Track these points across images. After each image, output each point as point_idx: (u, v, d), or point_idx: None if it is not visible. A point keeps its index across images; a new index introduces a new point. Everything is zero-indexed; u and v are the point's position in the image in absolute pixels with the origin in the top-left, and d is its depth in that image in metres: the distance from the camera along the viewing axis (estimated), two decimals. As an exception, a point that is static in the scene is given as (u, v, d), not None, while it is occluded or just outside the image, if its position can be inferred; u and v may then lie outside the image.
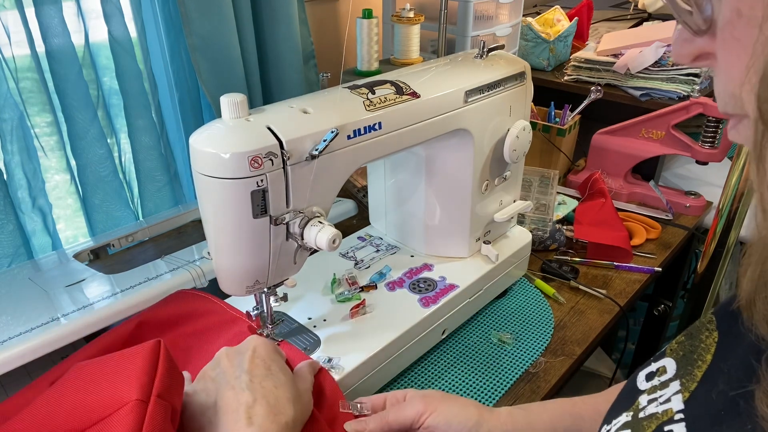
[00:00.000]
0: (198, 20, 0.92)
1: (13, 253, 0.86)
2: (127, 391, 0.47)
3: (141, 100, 0.95)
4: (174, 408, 0.50)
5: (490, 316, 0.91)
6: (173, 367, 0.52)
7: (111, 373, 0.50)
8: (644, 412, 0.38)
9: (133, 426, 0.44)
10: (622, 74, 1.26)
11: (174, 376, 0.51)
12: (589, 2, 1.55)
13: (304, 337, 0.73)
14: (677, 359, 0.40)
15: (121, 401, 0.46)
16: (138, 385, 0.47)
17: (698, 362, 0.38)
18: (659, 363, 0.41)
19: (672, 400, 0.37)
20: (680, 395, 0.37)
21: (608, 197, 1.16)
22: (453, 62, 0.80)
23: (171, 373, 0.51)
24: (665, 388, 0.38)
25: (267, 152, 0.56)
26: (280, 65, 1.08)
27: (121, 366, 0.50)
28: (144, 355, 0.50)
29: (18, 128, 0.83)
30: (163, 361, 0.50)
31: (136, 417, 0.45)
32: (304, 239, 0.61)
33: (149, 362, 0.50)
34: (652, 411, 0.37)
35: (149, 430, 0.45)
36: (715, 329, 0.39)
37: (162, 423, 0.46)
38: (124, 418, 0.45)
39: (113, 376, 0.49)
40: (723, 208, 1.03)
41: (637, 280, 1.01)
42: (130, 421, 0.45)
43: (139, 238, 0.95)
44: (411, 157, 0.83)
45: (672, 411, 0.36)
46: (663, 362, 0.41)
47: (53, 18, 0.81)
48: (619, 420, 0.40)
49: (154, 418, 0.46)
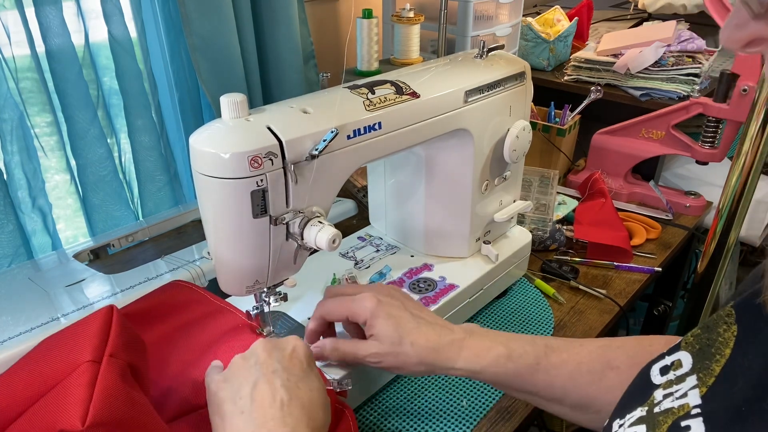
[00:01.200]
0: (198, 20, 0.92)
1: (13, 253, 0.86)
2: (79, 355, 0.48)
3: (141, 100, 0.95)
4: (133, 366, 0.50)
5: (490, 316, 0.91)
6: (127, 329, 0.52)
7: (65, 340, 0.51)
8: (660, 407, 0.37)
9: (85, 386, 0.45)
10: (622, 74, 1.26)
11: (128, 337, 0.52)
12: (589, 2, 1.55)
13: (304, 337, 0.73)
14: (693, 353, 0.39)
15: (74, 364, 0.47)
16: (90, 347, 0.48)
17: (716, 356, 0.37)
18: (673, 356, 0.40)
19: (689, 395, 0.36)
20: (697, 390, 0.36)
21: (608, 197, 1.16)
22: (453, 62, 0.80)
23: (123, 334, 0.51)
24: (681, 382, 0.37)
25: (267, 152, 0.56)
26: (280, 65, 1.08)
27: (74, 333, 0.51)
28: (96, 320, 0.51)
29: (18, 128, 0.83)
30: (116, 324, 0.51)
31: (89, 377, 0.46)
32: (304, 239, 0.61)
33: (101, 326, 0.50)
34: (668, 406, 0.36)
35: (101, 387, 0.45)
36: (734, 323, 0.38)
37: (115, 380, 0.47)
38: (77, 380, 0.46)
39: (67, 343, 0.50)
40: (723, 208, 1.03)
41: (637, 280, 1.01)
42: (83, 382, 0.45)
43: (139, 238, 0.95)
44: (411, 157, 0.83)
45: (689, 406, 0.35)
46: (678, 356, 0.40)
47: (53, 18, 0.81)
48: (633, 414, 0.39)
49: (106, 376, 0.46)
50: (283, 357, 0.54)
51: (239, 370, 0.54)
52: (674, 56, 1.23)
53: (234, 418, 0.50)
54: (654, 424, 0.36)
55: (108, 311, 0.53)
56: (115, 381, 0.47)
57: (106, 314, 0.52)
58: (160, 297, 0.72)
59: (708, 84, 1.27)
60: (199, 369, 0.63)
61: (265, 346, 0.55)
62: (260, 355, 0.54)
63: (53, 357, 0.50)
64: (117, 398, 0.46)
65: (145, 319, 0.70)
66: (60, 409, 0.44)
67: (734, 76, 1.05)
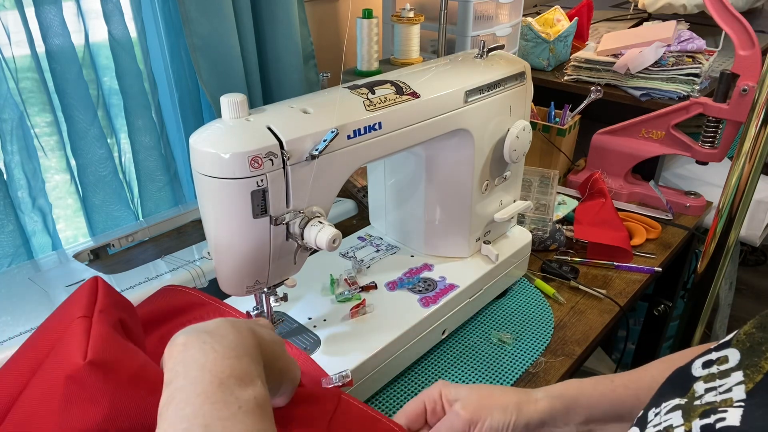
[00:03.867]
0: (198, 20, 0.92)
1: (13, 253, 0.86)
2: (71, 315, 0.50)
3: (141, 100, 0.95)
4: (123, 323, 0.53)
5: (490, 316, 0.91)
6: (113, 292, 0.55)
7: (55, 314, 0.54)
8: (701, 400, 0.36)
9: (81, 334, 0.47)
10: (622, 74, 1.26)
11: (115, 298, 0.55)
12: (589, 2, 1.54)
13: (304, 337, 0.73)
14: (743, 350, 0.38)
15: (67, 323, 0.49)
16: (79, 308, 0.50)
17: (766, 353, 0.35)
18: (721, 352, 0.39)
19: (733, 390, 0.34)
20: (743, 386, 0.34)
21: (608, 197, 1.16)
22: (453, 62, 0.80)
23: (110, 295, 0.54)
24: (726, 377, 0.36)
25: (267, 152, 0.56)
26: (280, 65, 1.08)
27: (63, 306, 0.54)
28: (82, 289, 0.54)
29: (18, 128, 0.83)
30: (102, 288, 0.54)
31: (83, 328, 0.48)
32: (304, 239, 0.61)
33: (88, 292, 0.53)
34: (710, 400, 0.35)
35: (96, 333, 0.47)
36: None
37: (108, 329, 0.49)
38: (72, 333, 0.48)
39: (57, 314, 0.53)
40: (723, 208, 1.03)
41: (637, 280, 1.01)
42: (78, 332, 0.47)
43: (139, 238, 0.95)
44: (411, 157, 0.83)
45: (732, 400, 0.33)
46: (725, 352, 0.39)
47: (53, 18, 0.81)
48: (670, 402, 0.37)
49: (99, 326, 0.48)
50: None
51: None
52: (674, 56, 1.23)
53: None
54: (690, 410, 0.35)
55: (93, 281, 0.55)
56: (108, 329, 0.49)
57: (91, 282, 0.55)
58: (156, 303, 0.72)
59: (708, 84, 1.27)
60: None
61: None
62: None
63: (46, 328, 0.52)
64: (111, 341, 0.48)
65: (144, 326, 0.70)
66: (60, 360, 0.46)
67: (734, 76, 1.05)
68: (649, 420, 0.38)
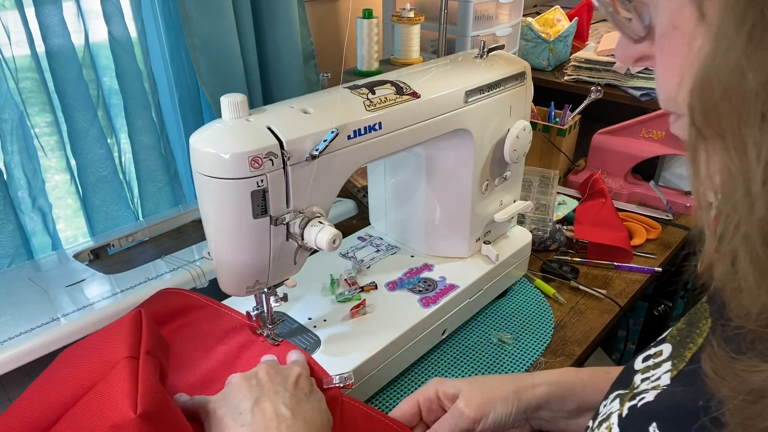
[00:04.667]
0: (198, 20, 0.92)
1: (13, 253, 0.86)
2: (116, 353, 0.48)
3: (141, 100, 0.95)
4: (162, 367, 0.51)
5: (490, 316, 0.91)
6: (156, 331, 0.54)
7: (97, 343, 0.52)
8: (638, 389, 0.40)
9: (128, 379, 0.45)
10: (622, 74, 1.26)
11: (158, 339, 0.53)
12: (589, 2, 1.55)
13: (304, 337, 0.73)
14: (674, 344, 0.42)
15: (112, 362, 0.48)
16: (125, 346, 0.49)
17: (689, 345, 0.40)
18: (658, 348, 0.43)
19: (661, 378, 0.39)
20: (669, 374, 0.39)
21: (608, 197, 1.16)
22: (453, 62, 0.80)
23: (155, 335, 0.53)
24: (657, 368, 0.41)
25: (267, 152, 0.56)
26: (280, 65, 1.08)
27: (106, 336, 0.52)
28: (126, 322, 0.52)
29: (18, 128, 0.83)
30: (146, 325, 0.53)
31: (130, 371, 0.46)
32: (304, 239, 0.61)
33: (132, 327, 0.52)
34: (643, 388, 0.40)
35: (143, 379, 0.46)
36: (709, 316, 0.41)
37: (153, 375, 0.47)
38: (119, 374, 0.46)
39: (100, 345, 0.51)
40: (723, 208, 1.03)
41: (637, 280, 1.01)
42: (125, 376, 0.46)
43: (139, 238, 0.95)
44: (411, 157, 0.83)
45: (659, 387, 0.39)
46: (661, 347, 0.43)
47: (53, 18, 0.81)
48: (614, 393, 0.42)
49: (146, 371, 0.47)
50: (285, 382, 0.55)
51: (239, 388, 0.54)
52: (674, 56, 1.23)
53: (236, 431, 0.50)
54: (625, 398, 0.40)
55: (137, 314, 0.54)
56: (155, 376, 0.47)
57: (136, 316, 0.53)
58: (153, 306, 0.71)
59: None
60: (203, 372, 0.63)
61: (268, 370, 0.56)
62: (262, 377, 0.55)
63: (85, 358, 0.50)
64: (158, 391, 0.46)
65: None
66: (106, 404, 0.45)
67: (734, 76, 1.05)
68: (599, 412, 0.43)
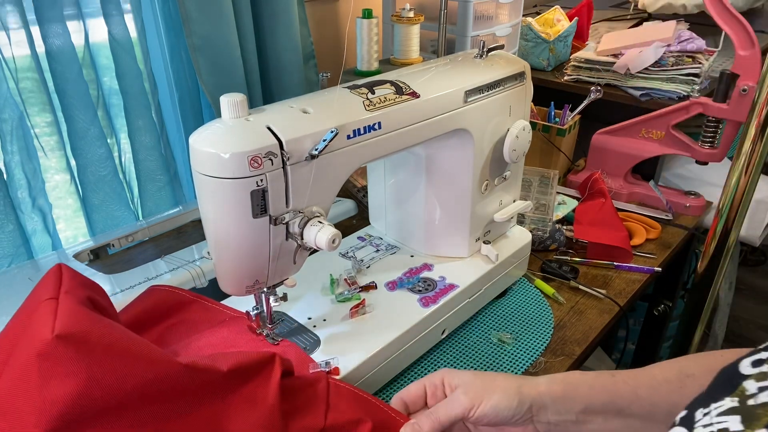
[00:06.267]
0: (198, 20, 0.92)
1: (13, 253, 0.86)
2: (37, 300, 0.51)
3: (141, 100, 0.95)
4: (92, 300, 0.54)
5: (489, 316, 0.91)
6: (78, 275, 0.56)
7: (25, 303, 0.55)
8: (755, 399, 0.34)
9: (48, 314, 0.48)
10: (622, 74, 1.26)
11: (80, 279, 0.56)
12: (589, 2, 1.55)
13: (304, 337, 0.73)
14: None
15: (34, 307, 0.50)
16: (45, 291, 0.51)
17: None
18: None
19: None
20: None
21: (608, 197, 1.16)
22: (453, 62, 0.80)
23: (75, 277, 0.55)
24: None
25: (267, 152, 0.56)
26: (280, 65, 1.08)
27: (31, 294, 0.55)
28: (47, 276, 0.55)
29: (18, 128, 0.83)
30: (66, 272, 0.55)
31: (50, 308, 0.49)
32: (304, 239, 0.61)
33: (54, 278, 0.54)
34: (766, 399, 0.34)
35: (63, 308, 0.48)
36: None
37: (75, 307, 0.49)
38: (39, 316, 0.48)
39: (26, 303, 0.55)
40: (723, 208, 1.03)
41: (637, 280, 1.01)
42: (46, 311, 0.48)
43: (139, 238, 0.95)
44: (411, 157, 0.83)
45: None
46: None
47: (53, 18, 0.81)
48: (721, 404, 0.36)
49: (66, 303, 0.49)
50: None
51: None
52: (674, 56, 1.23)
53: None
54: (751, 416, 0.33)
55: (56, 267, 0.56)
56: (75, 305, 0.49)
57: (55, 269, 0.55)
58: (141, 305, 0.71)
59: (708, 84, 1.27)
60: None
61: None
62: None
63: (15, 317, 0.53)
64: (80, 315, 0.48)
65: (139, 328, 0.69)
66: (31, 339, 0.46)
67: (734, 76, 1.05)
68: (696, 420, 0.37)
